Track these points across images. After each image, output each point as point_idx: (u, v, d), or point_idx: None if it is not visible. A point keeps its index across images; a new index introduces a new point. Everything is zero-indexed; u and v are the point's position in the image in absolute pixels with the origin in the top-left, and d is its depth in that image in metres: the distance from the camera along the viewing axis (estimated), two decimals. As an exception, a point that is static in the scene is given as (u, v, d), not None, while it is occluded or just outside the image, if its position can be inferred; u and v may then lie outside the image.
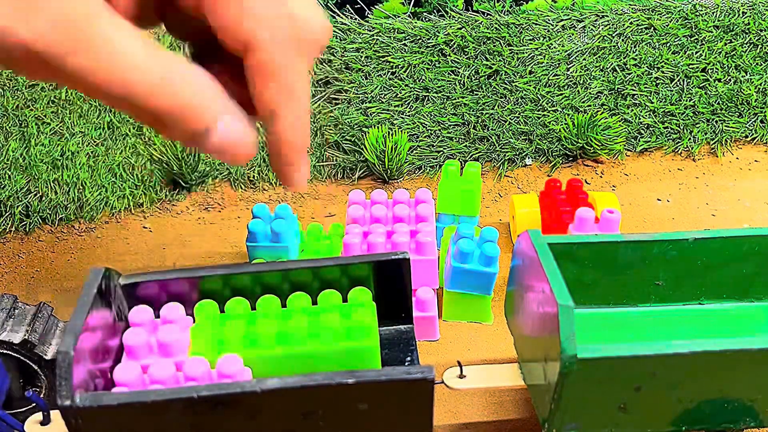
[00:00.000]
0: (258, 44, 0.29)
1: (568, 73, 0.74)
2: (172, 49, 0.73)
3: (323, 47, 0.31)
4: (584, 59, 0.74)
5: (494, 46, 0.74)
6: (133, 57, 0.27)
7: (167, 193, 0.67)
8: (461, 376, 0.40)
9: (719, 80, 0.75)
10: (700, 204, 0.67)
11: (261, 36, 0.29)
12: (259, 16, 0.29)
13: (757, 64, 0.76)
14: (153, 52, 0.27)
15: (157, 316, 0.37)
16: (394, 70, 0.73)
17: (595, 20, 0.76)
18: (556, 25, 0.75)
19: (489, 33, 0.74)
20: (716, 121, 0.74)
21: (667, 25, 0.76)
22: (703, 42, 0.76)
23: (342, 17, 0.74)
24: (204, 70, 0.29)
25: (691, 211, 0.66)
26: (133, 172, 0.67)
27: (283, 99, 0.30)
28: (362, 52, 0.73)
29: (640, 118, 0.73)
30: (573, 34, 0.75)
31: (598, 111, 0.72)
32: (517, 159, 0.71)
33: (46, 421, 0.36)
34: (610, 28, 0.75)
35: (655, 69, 0.75)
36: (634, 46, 0.75)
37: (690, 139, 0.73)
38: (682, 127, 0.74)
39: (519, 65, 0.74)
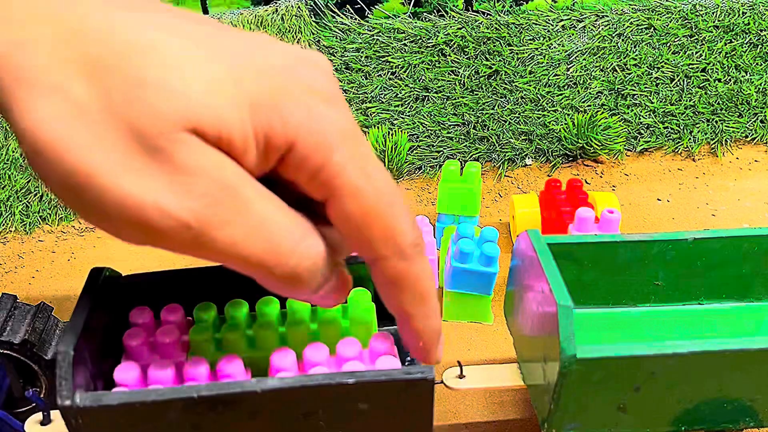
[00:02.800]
0: (386, 256, 0.29)
1: (568, 73, 0.74)
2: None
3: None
4: (584, 59, 0.74)
5: (494, 46, 0.74)
6: (281, 220, 0.27)
7: (167, 193, 0.67)
8: (461, 376, 0.40)
9: (719, 80, 0.75)
10: (700, 204, 0.67)
11: (382, 249, 0.29)
12: (379, 230, 0.28)
13: (757, 64, 0.76)
14: (289, 215, 0.27)
15: (157, 316, 0.37)
16: (394, 70, 0.73)
17: (595, 20, 0.76)
18: (556, 25, 0.75)
19: (489, 33, 0.74)
20: (716, 121, 0.74)
21: (667, 25, 0.76)
22: (703, 42, 0.76)
23: (342, 17, 0.74)
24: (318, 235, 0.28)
25: (691, 211, 0.66)
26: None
27: (416, 304, 0.30)
28: (362, 52, 0.73)
29: (640, 118, 0.73)
30: (573, 34, 0.75)
31: (598, 111, 0.72)
32: (517, 159, 0.71)
33: (46, 421, 0.36)
34: (610, 28, 0.75)
35: (655, 69, 0.75)
36: (634, 46, 0.75)
37: (690, 139, 0.73)
38: (682, 127, 0.74)
39: (519, 65, 0.74)
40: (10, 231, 0.64)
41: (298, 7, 0.73)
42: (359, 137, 0.27)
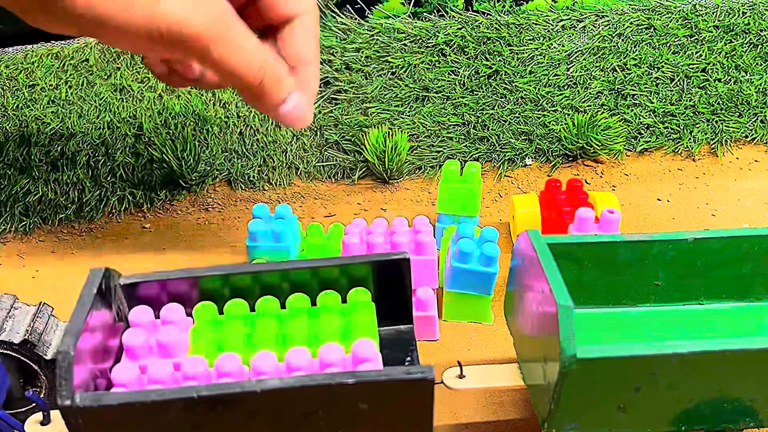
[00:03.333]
0: (303, 13, 0.42)
1: (568, 73, 0.74)
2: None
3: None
4: (584, 59, 0.74)
5: (494, 46, 0.74)
6: (249, 45, 0.37)
7: (167, 193, 0.67)
8: (461, 376, 0.40)
9: (719, 80, 0.75)
10: (700, 204, 0.67)
11: (303, 8, 0.42)
12: None
13: (757, 64, 0.76)
14: (258, 44, 0.38)
15: (158, 316, 0.37)
16: (394, 70, 0.73)
17: (595, 20, 0.76)
18: (556, 25, 0.75)
19: (489, 33, 0.74)
20: (716, 121, 0.74)
21: (667, 25, 0.76)
22: (703, 42, 0.76)
23: (342, 17, 0.74)
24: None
25: (691, 211, 0.66)
26: (133, 172, 0.67)
27: (316, 51, 0.44)
28: (362, 52, 0.73)
29: (640, 118, 0.73)
30: (573, 34, 0.75)
31: (598, 111, 0.72)
32: (517, 159, 0.71)
33: (46, 421, 0.36)
34: (610, 28, 0.75)
35: (655, 69, 0.75)
36: (634, 46, 0.75)
37: (690, 139, 0.73)
38: (682, 127, 0.74)
39: (519, 65, 0.74)
40: (10, 231, 0.64)
41: (298, 7, 0.73)
42: None
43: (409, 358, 0.38)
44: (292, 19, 0.43)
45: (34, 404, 0.44)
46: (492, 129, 0.72)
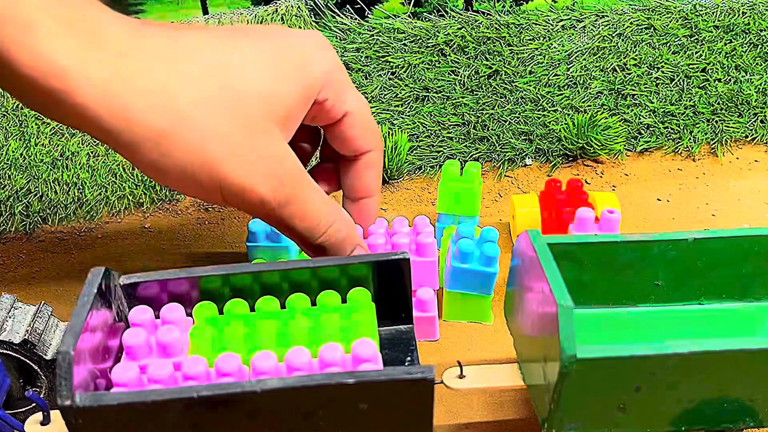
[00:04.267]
0: (374, 150, 0.45)
1: (568, 73, 0.74)
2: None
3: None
4: (584, 59, 0.74)
5: (494, 46, 0.74)
6: (320, 210, 0.39)
7: (167, 193, 0.67)
8: (461, 376, 0.40)
9: (719, 80, 0.75)
10: (700, 204, 0.67)
11: (374, 146, 0.45)
12: (372, 135, 0.44)
13: (757, 64, 0.76)
14: (329, 201, 0.40)
15: (158, 316, 0.37)
16: (394, 70, 0.73)
17: (595, 20, 0.76)
18: (556, 25, 0.75)
19: (489, 33, 0.74)
20: (716, 121, 0.74)
21: (667, 25, 0.76)
22: (703, 42, 0.76)
23: (342, 17, 0.74)
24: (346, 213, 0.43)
25: (691, 211, 0.66)
26: (133, 172, 0.67)
27: (379, 185, 0.47)
28: (362, 52, 0.73)
29: (640, 118, 0.73)
30: (573, 34, 0.75)
31: (598, 111, 0.72)
32: (517, 159, 0.71)
33: (46, 421, 0.36)
34: (610, 28, 0.75)
35: (655, 69, 0.75)
36: (634, 46, 0.75)
37: (690, 139, 0.73)
38: (682, 127, 0.74)
39: (519, 65, 0.74)
40: (10, 231, 0.64)
41: (298, 7, 0.73)
42: (345, 72, 0.42)
43: (409, 358, 0.38)
44: (364, 154, 0.44)
45: (34, 404, 0.44)
46: (492, 129, 0.72)
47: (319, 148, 0.49)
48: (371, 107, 0.71)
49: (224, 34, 0.37)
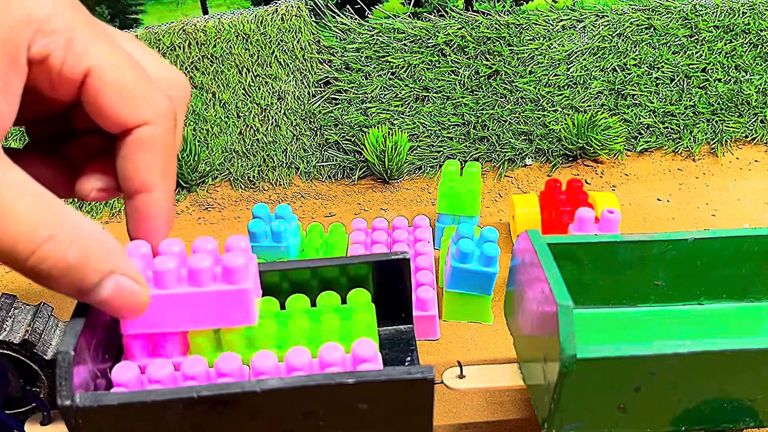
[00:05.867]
0: (149, 123, 0.30)
1: (568, 73, 0.74)
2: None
3: (189, 99, 0.34)
4: (584, 59, 0.74)
5: (494, 46, 0.74)
6: (26, 210, 0.26)
7: (167, 193, 0.67)
8: (461, 376, 0.40)
9: (719, 80, 0.75)
10: (700, 204, 0.67)
11: (147, 117, 0.30)
12: (142, 98, 0.30)
13: (757, 64, 0.76)
14: (46, 204, 0.27)
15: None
16: (394, 70, 0.73)
17: (595, 20, 0.76)
18: (556, 25, 0.75)
19: (489, 33, 0.74)
20: (716, 121, 0.74)
21: (667, 25, 0.76)
22: (703, 42, 0.76)
23: (342, 17, 0.74)
24: (97, 224, 0.29)
25: (691, 211, 0.66)
26: (133, 172, 0.67)
27: (164, 172, 0.31)
28: (362, 52, 0.73)
29: (640, 118, 0.73)
30: (573, 34, 0.75)
31: (598, 111, 0.72)
32: (517, 159, 0.71)
33: (46, 421, 0.36)
34: (610, 28, 0.75)
35: (655, 69, 0.75)
36: (634, 46, 0.75)
37: (690, 139, 0.73)
38: (682, 127, 0.74)
39: (519, 65, 0.74)
40: (10, 231, 0.64)
41: (298, 7, 0.73)
42: (92, 18, 0.29)
43: (409, 358, 0.38)
44: (133, 130, 0.31)
45: (34, 404, 0.44)
46: (492, 129, 0.72)
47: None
48: (371, 107, 0.71)
49: None
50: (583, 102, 0.73)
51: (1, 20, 0.26)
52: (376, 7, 0.75)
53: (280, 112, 0.71)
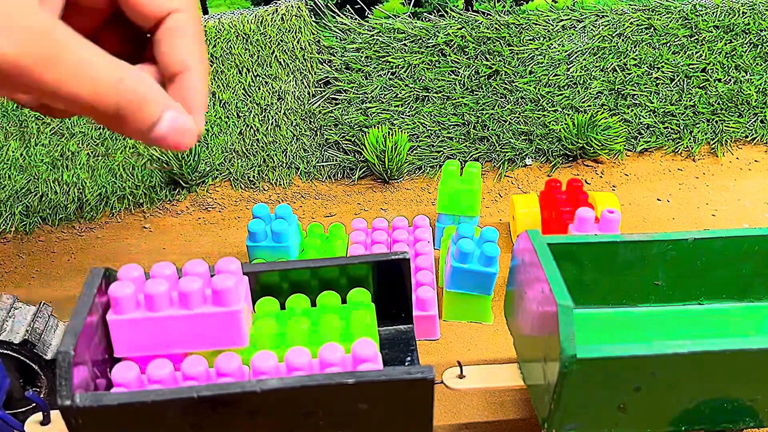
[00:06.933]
0: (178, 11, 0.35)
1: (568, 73, 0.74)
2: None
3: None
4: (584, 59, 0.74)
5: (494, 46, 0.74)
6: (94, 64, 0.31)
7: (167, 193, 0.67)
8: (461, 376, 0.40)
9: (719, 80, 0.75)
10: (700, 204, 0.67)
11: (174, 4, 0.35)
12: None
13: (757, 64, 0.76)
14: (108, 58, 0.32)
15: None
16: (394, 70, 0.73)
17: (595, 20, 0.76)
18: (556, 25, 0.75)
19: (489, 33, 0.74)
20: (716, 121, 0.74)
21: (667, 25, 0.76)
22: (703, 42, 0.76)
23: (342, 17, 0.74)
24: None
25: (691, 211, 0.66)
26: (133, 172, 0.67)
27: (198, 54, 0.36)
28: (362, 52, 0.73)
29: (640, 118, 0.73)
30: (573, 34, 0.75)
31: (598, 111, 0.72)
32: (517, 159, 0.71)
33: (46, 421, 0.36)
34: (610, 28, 0.75)
35: (655, 69, 0.75)
36: (634, 46, 0.75)
37: (690, 139, 0.73)
38: (682, 127, 0.74)
39: (519, 65, 0.74)
40: (10, 231, 0.64)
41: (298, 7, 0.73)
42: None
43: (409, 358, 0.38)
44: (163, 20, 0.36)
45: (34, 404, 0.44)
46: (492, 129, 0.72)
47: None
48: (371, 107, 0.71)
49: None
50: (583, 102, 0.73)
51: None
52: (376, 7, 0.75)
53: (280, 112, 0.71)
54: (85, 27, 0.37)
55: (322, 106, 0.72)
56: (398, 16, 0.75)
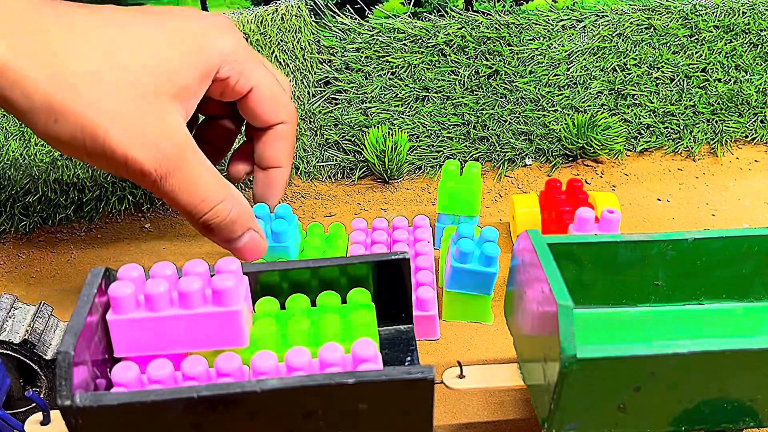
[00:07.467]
0: (285, 123, 0.48)
1: (568, 73, 0.74)
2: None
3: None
4: (584, 59, 0.74)
5: (494, 46, 0.74)
6: (206, 183, 0.39)
7: (167, 193, 0.67)
8: (461, 376, 0.40)
9: (719, 80, 0.75)
10: (700, 204, 0.67)
11: (284, 118, 0.48)
12: (283, 108, 0.47)
13: (757, 64, 0.76)
14: (219, 179, 0.40)
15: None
16: (394, 70, 0.73)
17: (595, 20, 0.76)
18: (556, 25, 0.75)
19: (489, 33, 0.74)
20: (716, 121, 0.74)
21: (667, 25, 0.76)
22: (703, 42, 0.76)
23: (342, 17, 0.74)
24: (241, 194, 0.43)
25: (691, 211, 0.66)
26: (133, 172, 0.67)
27: (290, 157, 0.50)
28: (362, 52, 0.73)
29: (640, 118, 0.73)
30: (573, 34, 0.75)
31: (598, 111, 0.72)
32: (517, 159, 0.71)
33: (46, 421, 0.36)
34: (610, 28, 0.75)
35: (655, 69, 0.75)
36: (634, 46, 0.75)
37: (690, 139, 0.73)
38: (682, 127, 0.74)
39: (519, 65, 0.74)
40: (10, 231, 0.64)
41: (298, 7, 0.73)
42: (253, 51, 0.46)
43: (409, 358, 0.38)
44: (274, 126, 0.47)
45: (34, 404, 0.44)
46: (492, 129, 0.72)
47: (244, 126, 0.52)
48: (371, 107, 0.71)
49: (123, 14, 0.40)
50: (583, 102, 0.73)
51: (206, 53, 0.41)
52: (376, 7, 0.75)
53: (280, 112, 0.71)
54: (205, 109, 0.49)
55: (322, 106, 0.72)
56: (398, 16, 0.75)
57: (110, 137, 0.36)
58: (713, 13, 0.76)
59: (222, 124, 0.51)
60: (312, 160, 0.70)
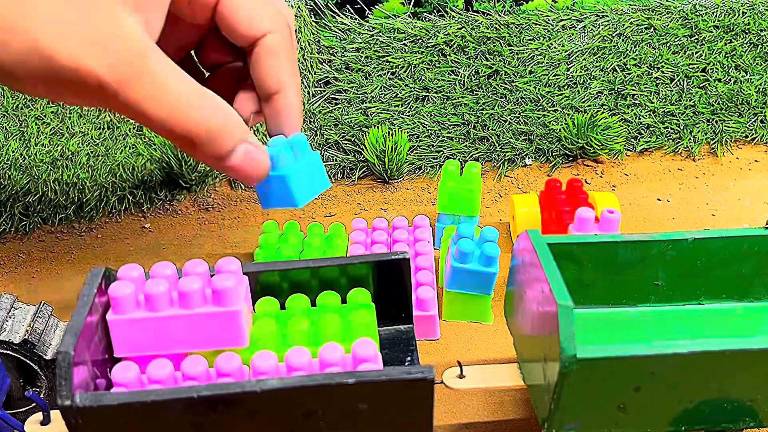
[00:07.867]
0: (273, 32, 0.37)
1: (568, 73, 0.74)
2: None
3: (293, 17, 0.41)
4: (584, 59, 0.74)
5: (494, 46, 0.74)
6: (177, 89, 0.33)
7: (167, 193, 0.67)
8: (461, 376, 0.40)
9: (719, 80, 0.75)
10: (700, 204, 0.67)
11: (270, 27, 0.37)
12: (262, 13, 0.37)
13: (757, 64, 0.76)
14: (192, 86, 0.34)
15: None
16: (394, 70, 0.73)
17: (595, 20, 0.76)
18: (556, 25, 0.75)
19: (489, 33, 0.74)
20: (716, 121, 0.74)
21: (667, 25, 0.76)
22: (703, 42, 0.76)
23: (342, 17, 0.74)
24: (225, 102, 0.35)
25: (691, 211, 0.66)
26: (133, 172, 0.67)
27: (290, 75, 0.39)
28: (362, 52, 0.73)
29: (640, 118, 0.73)
30: (573, 34, 0.75)
31: (598, 111, 0.72)
32: (517, 159, 0.71)
33: (46, 421, 0.36)
34: (610, 28, 0.75)
35: (655, 69, 0.75)
36: (634, 46, 0.75)
37: (690, 139, 0.73)
38: (682, 127, 0.74)
39: (519, 65, 0.74)
40: (10, 231, 0.64)
41: (298, 7, 0.73)
42: None
43: (409, 358, 0.38)
44: (258, 41, 0.38)
45: (34, 404, 0.44)
46: (492, 129, 0.72)
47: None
48: (371, 107, 0.71)
49: None
50: (583, 102, 0.73)
51: None
52: (376, 7, 0.75)
53: (280, 112, 0.71)
54: (187, 41, 0.41)
55: (322, 106, 0.72)
56: (398, 16, 0.75)
57: (56, 49, 0.31)
58: (713, 13, 0.76)
59: (231, 70, 0.42)
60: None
